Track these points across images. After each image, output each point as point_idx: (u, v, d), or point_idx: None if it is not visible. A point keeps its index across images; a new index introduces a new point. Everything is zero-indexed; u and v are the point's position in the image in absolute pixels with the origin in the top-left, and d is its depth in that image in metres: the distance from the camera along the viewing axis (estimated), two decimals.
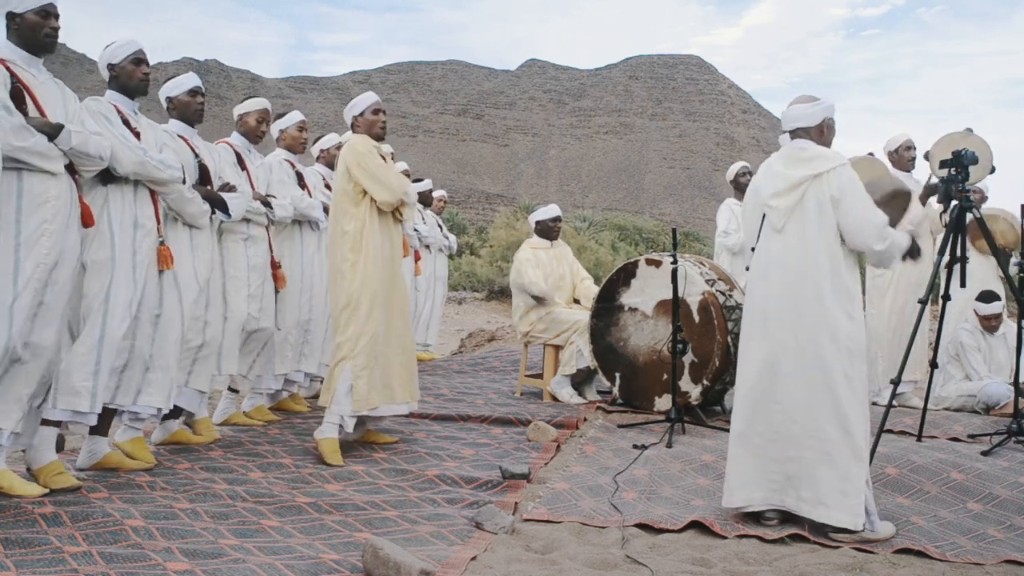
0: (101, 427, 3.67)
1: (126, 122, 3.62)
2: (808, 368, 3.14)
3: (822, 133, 3.35)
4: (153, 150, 3.69)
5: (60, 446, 4.01)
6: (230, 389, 4.80)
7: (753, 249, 3.42)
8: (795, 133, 3.36)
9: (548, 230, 6.20)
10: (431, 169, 79.25)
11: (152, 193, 3.66)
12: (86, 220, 3.33)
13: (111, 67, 3.71)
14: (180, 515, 3.07)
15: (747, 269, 3.50)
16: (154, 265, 3.64)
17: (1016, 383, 4.78)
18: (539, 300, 5.84)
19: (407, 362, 4.35)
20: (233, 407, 4.83)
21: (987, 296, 5.85)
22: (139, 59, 3.71)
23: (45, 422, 3.36)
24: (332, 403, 4.10)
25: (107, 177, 3.50)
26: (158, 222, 3.68)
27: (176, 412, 4.19)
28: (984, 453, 4.28)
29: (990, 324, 5.84)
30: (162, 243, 3.69)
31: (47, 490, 3.23)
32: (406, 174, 7.20)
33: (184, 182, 3.77)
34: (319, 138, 6.03)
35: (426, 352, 8.04)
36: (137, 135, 3.63)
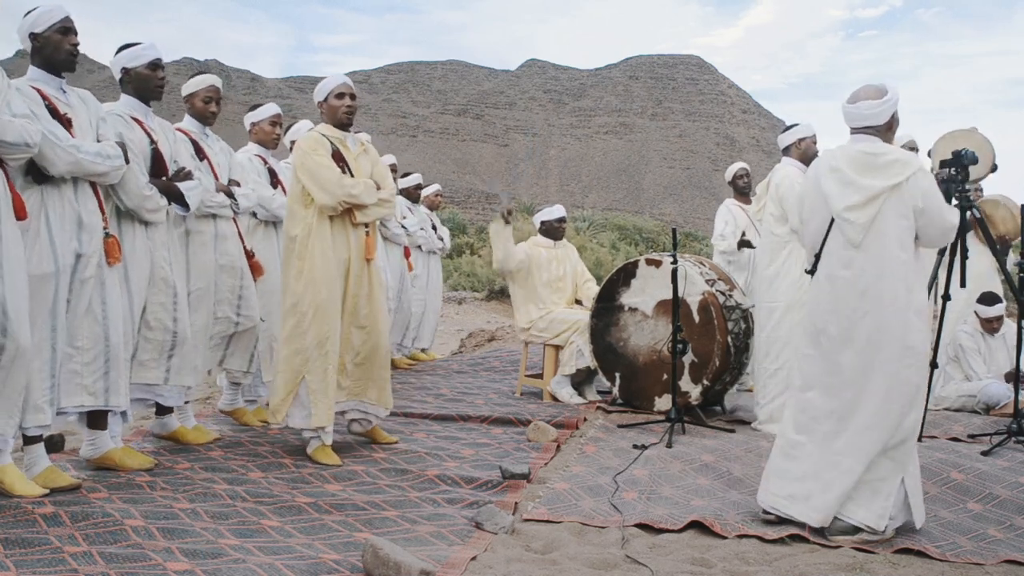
0: (100, 422, 3.63)
1: (53, 109, 3.29)
2: (875, 385, 3.05)
3: (890, 129, 3.17)
4: (89, 133, 3.40)
5: (60, 446, 4.02)
6: (232, 383, 4.74)
7: (817, 256, 3.22)
8: (862, 131, 3.16)
9: (552, 230, 6.18)
10: (431, 169, 79.19)
11: (94, 185, 3.40)
12: (18, 212, 3.06)
13: (34, 37, 3.31)
14: (180, 515, 3.07)
15: (807, 272, 3.30)
16: (104, 261, 3.43)
17: (1016, 380, 4.78)
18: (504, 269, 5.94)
19: (382, 369, 4.21)
20: (240, 400, 4.78)
21: (989, 298, 5.83)
22: (67, 28, 3.33)
23: (27, 440, 3.32)
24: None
25: (41, 176, 3.24)
26: (103, 214, 3.43)
27: (169, 408, 4.16)
28: (984, 453, 4.28)
29: (991, 327, 5.82)
30: (108, 236, 3.44)
31: (47, 490, 3.23)
32: (393, 168, 7.07)
33: (128, 161, 3.49)
34: (288, 127, 5.64)
35: (425, 353, 8.01)
36: (68, 121, 3.33)
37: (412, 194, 7.74)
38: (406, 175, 7.85)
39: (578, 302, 6.16)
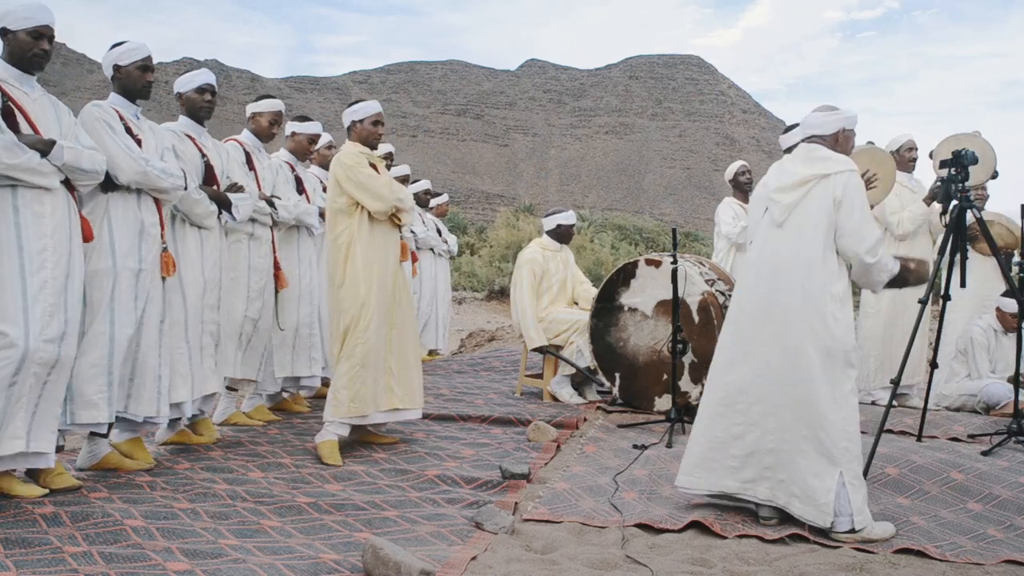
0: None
1: (128, 129, 3.62)
2: (787, 364, 3.18)
3: (837, 142, 3.37)
4: (155, 157, 3.68)
5: (60, 447, 4.02)
6: (229, 388, 4.79)
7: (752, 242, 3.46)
8: (811, 139, 3.39)
9: (564, 235, 6.19)
10: (431, 169, 79.16)
11: (156, 200, 3.67)
12: (86, 235, 3.34)
13: (117, 68, 3.69)
14: (180, 515, 3.07)
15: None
16: (158, 271, 3.65)
17: (1016, 380, 4.77)
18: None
19: (411, 368, 4.37)
20: (233, 407, 4.83)
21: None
22: (146, 66, 3.72)
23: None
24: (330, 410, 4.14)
25: (108, 185, 3.51)
26: (162, 227, 3.69)
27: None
28: (984, 453, 4.28)
29: (1013, 323, 5.73)
30: (165, 249, 3.69)
31: (47, 490, 3.24)
32: (405, 179, 7.25)
33: (186, 188, 3.77)
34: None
35: (431, 355, 8.01)
36: (139, 142, 3.63)
37: (421, 199, 7.86)
38: (413, 181, 7.97)
39: (575, 304, 6.16)
